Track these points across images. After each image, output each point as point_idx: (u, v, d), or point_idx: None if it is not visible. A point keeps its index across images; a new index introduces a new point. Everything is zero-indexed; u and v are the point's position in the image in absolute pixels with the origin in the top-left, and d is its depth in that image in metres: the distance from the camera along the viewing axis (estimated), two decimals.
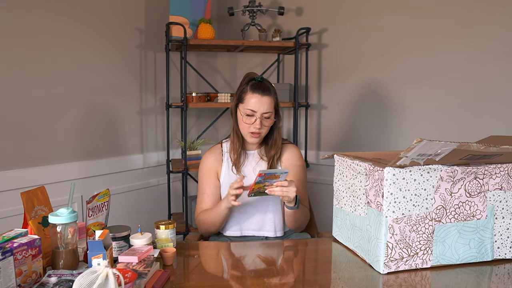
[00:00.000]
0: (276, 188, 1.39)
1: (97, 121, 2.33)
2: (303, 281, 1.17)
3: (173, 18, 2.44)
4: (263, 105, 1.54)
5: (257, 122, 1.54)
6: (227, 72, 3.00)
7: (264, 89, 1.56)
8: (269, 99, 1.56)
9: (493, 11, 2.10)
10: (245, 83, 1.59)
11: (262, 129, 1.56)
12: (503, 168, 1.19)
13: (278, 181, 1.39)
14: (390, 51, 2.42)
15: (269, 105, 1.56)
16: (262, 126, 1.55)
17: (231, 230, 1.63)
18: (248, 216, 1.61)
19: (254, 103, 1.54)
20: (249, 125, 1.56)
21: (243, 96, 1.57)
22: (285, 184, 1.39)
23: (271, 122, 1.59)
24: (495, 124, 2.12)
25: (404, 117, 2.40)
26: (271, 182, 1.39)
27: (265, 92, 1.55)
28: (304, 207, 1.61)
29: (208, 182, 1.65)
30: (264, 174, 1.35)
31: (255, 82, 1.58)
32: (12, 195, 1.89)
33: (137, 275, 1.02)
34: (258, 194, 1.41)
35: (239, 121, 1.59)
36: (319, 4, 2.67)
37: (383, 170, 1.12)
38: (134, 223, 2.19)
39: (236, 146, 1.62)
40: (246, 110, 1.55)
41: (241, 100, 1.58)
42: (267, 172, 1.35)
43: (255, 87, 1.56)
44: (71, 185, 1.19)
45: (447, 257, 1.19)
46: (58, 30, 2.11)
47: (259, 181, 1.36)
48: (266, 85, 1.58)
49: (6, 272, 0.94)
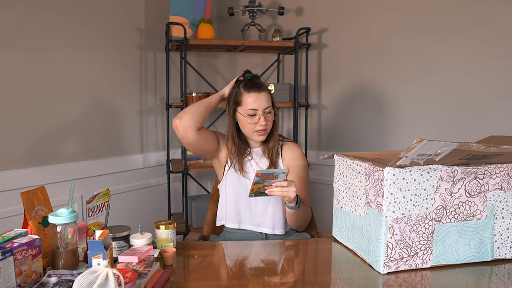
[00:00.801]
0: (276, 189, 1.39)
1: (97, 121, 2.33)
2: (303, 281, 1.17)
3: (173, 18, 2.44)
4: (262, 101, 1.56)
5: (261, 119, 1.55)
6: (227, 72, 3.00)
7: (258, 86, 1.58)
8: (265, 94, 1.57)
9: (493, 9, 2.10)
10: (237, 86, 1.60)
11: (267, 125, 1.58)
12: (503, 168, 1.19)
13: (277, 181, 1.39)
14: (390, 51, 2.42)
15: (267, 100, 1.57)
16: (266, 122, 1.56)
17: (230, 221, 1.63)
18: (248, 209, 1.61)
19: (253, 101, 1.55)
20: (254, 125, 1.56)
21: (240, 99, 1.58)
22: (284, 184, 1.39)
23: (272, 116, 1.60)
24: (495, 123, 2.12)
25: (404, 117, 2.40)
26: (270, 182, 1.38)
27: (260, 88, 1.57)
28: (305, 206, 1.61)
29: None
30: (261, 174, 1.34)
31: (246, 82, 1.59)
32: (12, 195, 1.89)
33: (137, 275, 1.02)
34: (258, 194, 1.41)
35: (243, 124, 1.59)
36: (319, 4, 2.67)
37: (383, 170, 1.12)
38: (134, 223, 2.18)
39: (241, 148, 1.63)
40: (248, 111, 1.55)
41: (239, 103, 1.58)
42: (265, 173, 1.34)
43: (249, 86, 1.57)
44: (71, 185, 1.19)
45: (447, 257, 1.19)
46: (58, 30, 2.11)
47: (257, 181, 1.35)
48: (258, 81, 1.60)
49: (6, 272, 0.94)
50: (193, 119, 1.53)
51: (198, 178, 2.89)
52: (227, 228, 1.65)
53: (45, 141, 2.09)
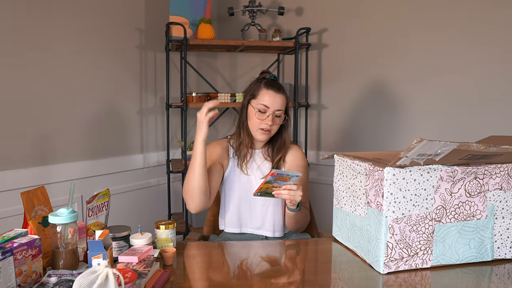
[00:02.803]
0: (283, 192, 1.38)
1: (97, 121, 2.33)
2: (303, 281, 1.17)
3: (173, 18, 2.44)
4: (277, 102, 1.56)
5: (269, 118, 1.55)
6: (227, 72, 3.00)
7: (278, 87, 1.59)
8: (282, 97, 1.58)
9: (496, 11, 2.10)
10: (259, 81, 1.61)
11: (273, 126, 1.57)
12: (503, 168, 1.19)
13: (287, 184, 1.37)
14: (390, 51, 2.42)
15: (282, 103, 1.57)
16: (273, 123, 1.56)
17: (231, 226, 1.63)
18: (248, 214, 1.61)
19: (268, 99, 1.56)
20: (261, 121, 1.56)
21: (257, 92, 1.58)
22: (293, 188, 1.38)
23: (281, 121, 1.60)
24: (497, 124, 2.12)
25: (404, 117, 2.40)
26: (280, 184, 1.36)
27: (280, 90, 1.58)
28: (304, 209, 1.61)
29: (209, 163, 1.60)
30: (276, 174, 1.31)
31: (269, 80, 1.60)
32: (12, 195, 1.89)
33: (137, 275, 1.02)
34: (264, 194, 1.39)
35: (251, 117, 1.59)
36: (319, 4, 2.67)
37: (383, 170, 1.12)
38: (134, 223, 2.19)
39: (245, 141, 1.62)
40: (259, 106, 1.56)
41: (254, 96, 1.59)
42: (280, 173, 1.32)
43: (270, 84, 1.58)
44: (71, 185, 1.19)
45: (447, 257, 1.19)
46: (58, 30, 2.11)
47: (269, 180, 1.33)
48: (280, 84, 1.61)
49: (6, 272, 0.94)
50: (200, 202, 1.48)
51: None
52: (228, 234, 1.65)
53: (45, 141, 2.09)
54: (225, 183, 1.64)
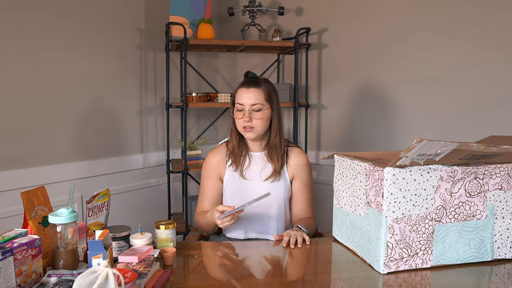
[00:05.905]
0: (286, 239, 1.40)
1: (97, 121, 2.33)
2: (303, 281, 1.17)
3: (173, 18, 2.44)
4: (249, 97, 1.55)
5: (245, 115, 1.55)
6: (227, 72, 3.00)
7: (250, 82, 1.59)
8: (255, 90, 1.56)
9: (494, 13, 2.10)
10: None
11: (253, 122, 1.55)
12: (503, 168, 1.19)
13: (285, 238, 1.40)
14: (390, 51, 2.42)
15: (256, 96, 1.56)
16: (251, 119, 1.55)
17: (235, 233, 1.64)
18: (251, 221, 1.62)
19: (241, 96, 1.57)
20: (240, 120, 1.57)
21: (235, 94, 1.62)
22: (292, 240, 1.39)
23: (262, 115, 1.56)
24: (497, 124, 2.12)
25: (403, 117, 2.40)
26: None
27: (251, 84, 1.58)
28: (310, 220, 1.62)
29: (209, 184, 1.66)
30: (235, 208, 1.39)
31: (245, 79, 1.64)
32: (12, 195, 1.89)
33: (137, 275, 1.02)
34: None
35: (235, 119, 1.61)
36: (319, 4, 2.67)
37: (383, 170, 1.12)
38: (134, 223, 2.19)
39: (238, 145, 1.63)
40: (237, 105, 1.58)
41: (234, 98, 1.62)
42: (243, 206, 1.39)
43: (244, 82, 1.61)
44: (71, 185, 1.19)
45: (447, 257, 1.19)
46: (58, 30, 2.11)
47: None
48: (255, 79, 1.61)
49: (6, 272, 0.94)
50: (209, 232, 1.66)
51: (198, 178, 2.89)
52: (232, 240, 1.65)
53: (45, 141, 2.09)
54: (225, 190, 1.65)
